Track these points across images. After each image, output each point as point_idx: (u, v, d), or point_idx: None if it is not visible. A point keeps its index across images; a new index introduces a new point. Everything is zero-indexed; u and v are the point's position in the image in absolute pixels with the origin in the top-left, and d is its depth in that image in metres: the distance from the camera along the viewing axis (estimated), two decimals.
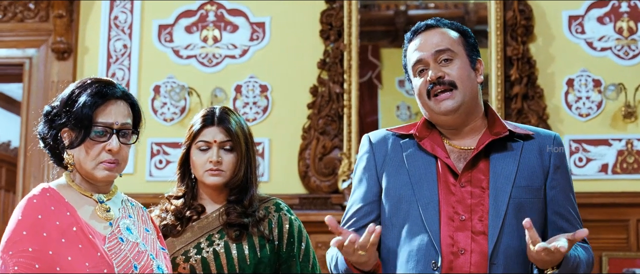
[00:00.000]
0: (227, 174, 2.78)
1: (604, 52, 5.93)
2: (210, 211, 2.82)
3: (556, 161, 2.44)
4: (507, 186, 2.37)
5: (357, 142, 5.94)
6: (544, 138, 2.47)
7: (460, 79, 2.41)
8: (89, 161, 2.36)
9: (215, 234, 2.75)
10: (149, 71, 6.27)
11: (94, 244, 2.29)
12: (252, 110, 6.13)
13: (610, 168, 5.82)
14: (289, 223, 2.81)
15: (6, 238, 2.25)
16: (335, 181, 5.91)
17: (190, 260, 2.72)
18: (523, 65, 5.85)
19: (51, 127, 2.37)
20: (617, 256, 5.71)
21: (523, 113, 5.83)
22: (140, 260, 2.37)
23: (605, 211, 5.73)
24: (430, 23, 2.49)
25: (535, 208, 2.39)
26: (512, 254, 2.35)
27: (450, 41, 2.45)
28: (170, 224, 2.81)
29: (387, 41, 6.54)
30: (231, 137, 2.79)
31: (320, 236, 5.32)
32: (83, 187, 2.40)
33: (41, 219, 2.25)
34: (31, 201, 2.29)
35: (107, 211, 2.41)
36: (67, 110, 2.34)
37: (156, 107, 6.21)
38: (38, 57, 6.39)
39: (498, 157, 2.41)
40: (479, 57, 2.49)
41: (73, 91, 2.37)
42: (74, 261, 2.22)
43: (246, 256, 2.71)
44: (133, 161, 6.09)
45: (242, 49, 6.24)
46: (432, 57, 2.43)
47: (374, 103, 6.36)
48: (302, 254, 2.81)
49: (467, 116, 2.45)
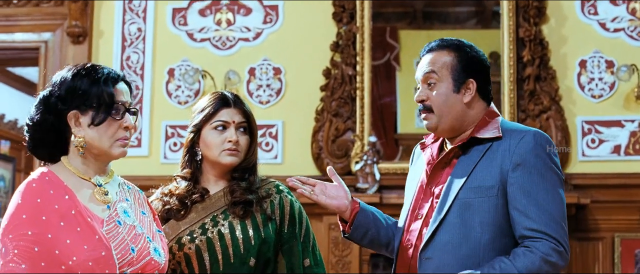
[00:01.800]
0: (242, 155, 2.83)
1: (617, 33, 5.93)
2: (214, 191, 2.85)
3: (517, 160, 2.53)
4: (456, 186, 2.57)
5: (370, 124, 5.97)
6: (514, 137, 2.58)
7: (435, 104, 2.65)
8: (106, 139, 2.39)
9: (219, 214, 2.78)
10: (163, 54, 6.31)
11: (92, 228, 2.31)
12: (266, 92, 6.16)
13: (622, 149, 5.82)
14: (290, 205, 2.85)
15: (6, 222, 2.28)
16: (348, 162, 5.94)
17: (195, 241, 2.75)
18: (535, 47, 5.85)
19: (51, 112, 2.37)
20: (629, 237, 5.73)
21: (535, 94, 5.84)
22: (137, 243, 2.40)
23: (618, 192, 5.74)
24: (432, 45, 2.73)
25: (485, 207, 2.54)
26: (448, 250, 2.54)
27: (440, 65, 2.67)
28: (175, 208, 2.83)
29: (405, 23, 6.55)
30: (247, 119, 2.85)
31: (333, 218, 5.36)
32: (81, 170, 2.42)
33: (40, 203, 2.28)
34: (30, 185, 2.32)
35: (105, 194, 2.44)
36: (79, 93, 2.36)
37: (170, 90, 6.25)
38: (53, 41, 6.44)
39: (463, 159, 2.63)
40: (470, 79, 2.66)
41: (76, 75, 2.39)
42: (72, 244, 2.25)
43: (250, 237, 2.74)
44: (148, 144, 6.15)
45: (256, 32, 6.27)
46: (421, 78, 2.70)
47: (392, 85, 6.39)
48: (303, 234, 2.84)
49: (450, 130, 2.68)
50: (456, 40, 2.72)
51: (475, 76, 2.68)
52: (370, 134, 5.95)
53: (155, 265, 2.45)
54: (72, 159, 2.42)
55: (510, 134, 2.59)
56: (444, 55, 2.69)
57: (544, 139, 2.57)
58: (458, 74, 2.66)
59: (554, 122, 5.79)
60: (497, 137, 2.60)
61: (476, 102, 2.68)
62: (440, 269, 2.53)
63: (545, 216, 2.48)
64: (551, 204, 2.50)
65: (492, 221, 2.53)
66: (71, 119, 2.37)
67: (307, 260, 2.84)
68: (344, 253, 5.72)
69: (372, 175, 5.76)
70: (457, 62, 2.67)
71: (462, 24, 6.36)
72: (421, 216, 2.65)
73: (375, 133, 6.01)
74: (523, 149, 2.54)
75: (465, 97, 2.66)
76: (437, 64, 2.67)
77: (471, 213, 2.54)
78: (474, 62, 2.70)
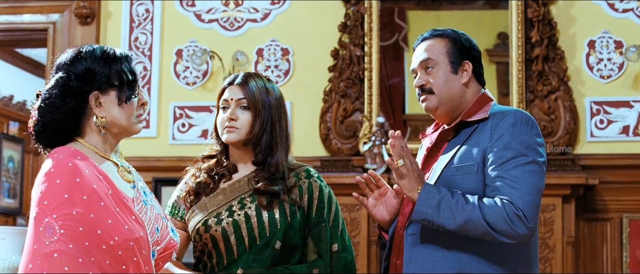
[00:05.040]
0: (242, 132, 2.83)
1: (626, 14, 5.90)
2: (242, 173, 2.86)
3: (495, 137, 2.66)
4: (441, 166, 2.72)
5: (378, 105, 5.98)
6: (497, 117, 2.71)
7: (436, 85, 2.81)
8: (129, 117, 2.41)
9: (247, 197, 2.80)
10: (171, 35, 6.31)
11: (129, 208, 2.32)
12: (274, 73, 6.16)
13: (631, 130, 5.81)
14: (319, 190, 2.85)
15: (46, 201, 2.23)
16: (356, 143, 5.94)
17: (221, 223, 2.76)
18: (544, 27, 5.83)
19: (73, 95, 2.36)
20: (637, 217, 5.72)
21: (544, 75, 5.83)
22: (159, 222, 2.43)
23: (626, 173, 5.73)
24: (425, 36, 2.90)
25: (466, 184, 2.65)
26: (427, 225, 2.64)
27: (435, 51, 2.84)
28: (204, 182, 2.87)
29: (414, 3, 6.53)
30: (246, 95, 2.84)
31: (342, 198, 5.32)
32: (101, 150, 2.41)
33: (80, 183, 2.25)
34: (66, 164, 2.28)
35: (128, 173, 2.46)
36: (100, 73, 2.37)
37: (178, 71, 6.25)
38: (62, 22, 6.45)
39: (452, 142, 2.77)
40: (465, 60, 2.83)
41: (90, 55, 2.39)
42: (113, 224, 2.24)
43: (277, 221, 2.76)
44: (156, 125, 6.16)
45: (264, 13, 6.26)
46: (418, 66, 2.87)
47: (400, 65, 6.38)
48: (332, 219, 2.84)
49: (451, 111, 2.81)
50: (448, 30, 2.89)
51: (470, 58, 2.85)
52: (379, 114, 5.96)
53: (173, 244, 2.49)
54: (90, 140, 2.41)
55: (495, 115, 2.72)
56: (438, 42, 2.86)
57: (524, 117, 2.69)
58: (454, 56, 2.83)
59: (563, 103, 5.78)
60: (483, 119, 2.73)
61: (472, 83, 2.84)
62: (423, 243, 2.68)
63: (516, 190, 2.57)
64: (523, 178, 2.59)
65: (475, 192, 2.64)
66: (92, 100, 2.37)
67: (335, 245, 2.83)
68: (352, 234, 5.73)
69: (381, 156, 5.76)
70: (452, 46, 2.84)
71: (470, 5, 6.34)
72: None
73: (383, 114, 6.01)
74: (503, 127, 2.66)
75: (462, 77, 2.82)
76: (433, 51, 2.84)
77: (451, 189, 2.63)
78: (467, 47, 2.86)
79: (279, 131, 2.86)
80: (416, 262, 2.67)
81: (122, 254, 2.24)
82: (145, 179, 2.64)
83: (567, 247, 5.59)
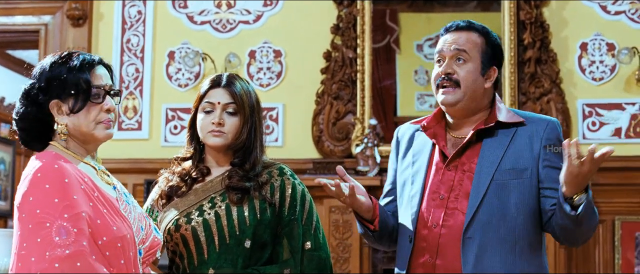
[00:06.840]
0: (229, 137, 2.81)
1: (618, 16, 5.91)
2: (215, 175, 2.85)
3: (546, 144, 2.69)
4: (491, 168, 2.67)
5: (370, 107, 5.97)
6: (539, 123, 2.73)
7: (465, 80, 2.72)
8: (88, 123, 2.41)
9: (217, 197, 2.79)
10: (163, 37, 6.30)
11: (116, 208, 2.36)
12: (266, 75, 6.15)
13: (623, 132, 5.82)
14: (292, 187, 2.82)
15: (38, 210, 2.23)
16: (348, 145, 5.94)
17: (191, 222, 2.75)
18: (536, 29, 5.84)
19: (34, 104, 2.41)
20: (630, 220, 5.73)
21: (536, 77, 5.83)
22: (142, 221, 2.47)
23: (618, 175, 5.73)
24: (461, 25, 2.79)
25: (520, 188, 2.66)
26: (488, 229, 2.63)
27: (471, 45, 2.75)
28: (176, 186, 2.85)
29: (406, 5, 6.53)
30: (235, 99, 2.82)
31: (334, 201, 5.36)
32: (79, 153, 2.44)
33: (68, 184, 2.28)
34: (52, 166, 2.30)
35: (107, 175, 2.49)
36: (57, 82, 2.39)
37: (171, 73, 6.24)
38: (53, 24, 6.43)
39: (489, 143, 2.71)
40: (494, 66, 2.78)
41: (53, 64, 2.43)
42: (102, 224, 2.29)
43: (246, 218, 2.73)
44: (148, 127, 6.14)
45: (256, 15, 6.25)
46: (450, 53, 2.74)
47: (392, 67, 6.38)
48: (304, 217, 2.82)
49: (466, 111, 2.75)
50: (485, 26, 2.82)
51: (498, 65, 2.82)
52: (371, 117, 5.95)
53: (157, 242, 2.54)
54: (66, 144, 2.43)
55: (533, 121, 2.74)
56: (474, 36, 2.78)
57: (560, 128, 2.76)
58: (487, 58, 2.77)
59: (555, 105, 5.79)
60: (520, 123, 2.72)
61: (490, 90, 2.79)
62: (482, 248, 2.62)
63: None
64: None
65: (525, 202, 2.66)
66: (53, 108, 2.40)
67: (308, 243, 2.81)
68: (345, 235, 5.73)
69: (373, 158, 5.76)
70: (487, 47, 2.78)
71: (462, 7, 6.34)
72: (442, 197, 2.71)
73: (375, 116, 6.01)
74: (550, 134, 2.70)
75: (487, 83, 2.76)
76: (469, 44, 2.75)
77: (507, 194, 2.65)
78: (498, 52, 2.83)
79: (258, 131, 2.87)
80: (490, 267, 2.63)
81: (109, 255, 2.28)
82: (136, 181, 2.65)
83: (560, 249, 5.59)
